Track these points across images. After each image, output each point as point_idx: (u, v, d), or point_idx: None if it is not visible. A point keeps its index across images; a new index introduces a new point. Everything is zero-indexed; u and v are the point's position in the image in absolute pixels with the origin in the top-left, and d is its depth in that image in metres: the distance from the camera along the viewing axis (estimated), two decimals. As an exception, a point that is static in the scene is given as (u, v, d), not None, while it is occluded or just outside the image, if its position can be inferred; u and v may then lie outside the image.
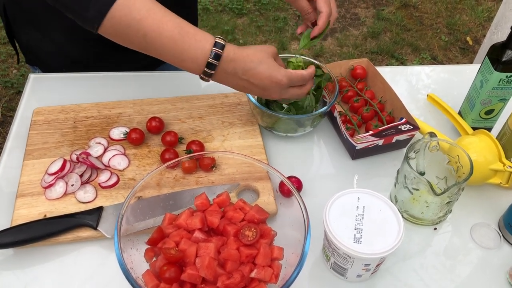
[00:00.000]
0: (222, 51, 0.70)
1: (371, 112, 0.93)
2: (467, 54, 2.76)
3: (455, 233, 0.78)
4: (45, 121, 0.87)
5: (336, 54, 2.69)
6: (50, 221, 0.70)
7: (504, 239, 0.77)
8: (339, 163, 0.88)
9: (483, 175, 0.80)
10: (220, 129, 0.89)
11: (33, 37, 0.96)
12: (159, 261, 0.61)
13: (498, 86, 0.84)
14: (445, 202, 0.73)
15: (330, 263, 0.69)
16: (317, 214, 0.69)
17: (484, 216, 0.80)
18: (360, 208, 0.68)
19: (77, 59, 0.99)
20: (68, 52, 0.98)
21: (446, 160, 0.78)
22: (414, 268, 0.73)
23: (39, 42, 0.96)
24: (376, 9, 3.06)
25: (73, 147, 0.83)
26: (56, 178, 0.76)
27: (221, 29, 2.78)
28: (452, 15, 3.04)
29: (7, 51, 2.52)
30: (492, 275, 0.73)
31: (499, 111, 0.90)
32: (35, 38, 0.96)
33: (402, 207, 0.78)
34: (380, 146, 0.85)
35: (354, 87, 0.98)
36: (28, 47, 1.00)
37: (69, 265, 0.70)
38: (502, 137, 0.84)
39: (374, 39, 2.82)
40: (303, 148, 0.90)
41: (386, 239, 0.64)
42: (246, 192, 0.79)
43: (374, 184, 0.84)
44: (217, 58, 0.70)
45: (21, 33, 0.97)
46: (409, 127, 0.85)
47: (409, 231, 0.77)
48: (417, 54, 2.74)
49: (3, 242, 0.67)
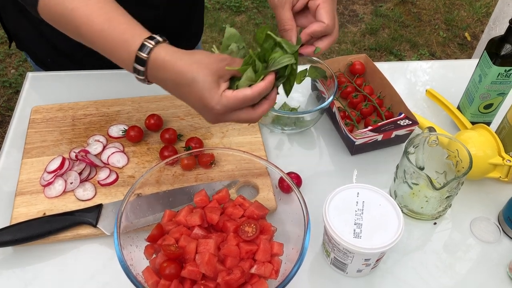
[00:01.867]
0: (148, 55, 0.59)
1: (370, 107, 0.93)
2: (466, 50, 2.76)
3: (455, 228, 0.78)
4: (44, 119, 0.87)
5: (334, 51, 2.69)
6: (50, 219, 0.70)
7: (504, 233, 0.77)
8: (338, 158, 0.88)
9: (482, 170, 0.80)
10: (219, 126, 0.89)
11: (21, 24, 0.95)
12: (159, 258, 0.61)
13: (497, 80, 0.84)
14: (445, 197, 0.73)
15: (330, 258, 0.69)
16: (316, 210, 0.69)
17: (483, 210, 0.80)
18: (360, 203, 0.68)
19: (63, 51, 0.98)
20: (54, 44, 0.97)
21: (446, 155, 0.78)
22: (414, 262, 0.73)
23: (27, 30, 0.96)
24: (374, 5, 3.05)
25: (72, 145, 0.83)
26: (55, 176, 0.76)
27: (219, 27, 2.78)
28: (450, 11, 3.04)
29: (5, 50, 2.52)
30: (492, 269, 0.73)
31: (498, 105, 0.90)
32: (23, 25, 0.95)
33: (402, 202, 0.78)
34: (379, 142, 0.85)
35: (353, 83, 0.98)
36: (16, 34, 1.00)
37: (69, 263, 0.70)
38: (501, 131, 0.84)
39: (372, 36, 2.81)
40: (302, 144, 0.90)
41: (386, 234, 0.64)
42: (245, 188, 0.79)
43: (374, 179, 0.84)
44: (143, 63, 0.60)
45: (9, 19, 0.97)
46: (408, 122, 0.85)
47: (408, 226, 0.77)
48: (416, 50, 2.74)
49: (3, 241, 0.67)
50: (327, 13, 0.64)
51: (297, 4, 0.66)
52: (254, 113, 0.62)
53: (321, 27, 0.64)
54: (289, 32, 0.65)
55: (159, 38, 0.60)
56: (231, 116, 0.62)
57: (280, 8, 0.65)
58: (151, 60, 0.59)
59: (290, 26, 0.65)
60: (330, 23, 0.64)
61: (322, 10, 0.64)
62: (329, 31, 0.65)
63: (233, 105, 0.60)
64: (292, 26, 0.65)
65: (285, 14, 0.64)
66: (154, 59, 0.59)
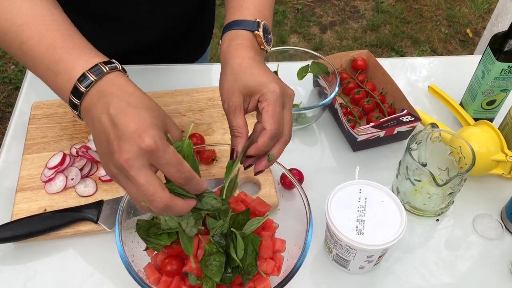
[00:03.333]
0: (86, 88, 0.52)
1: (372, 103, 0.92)
2: (467, 46, 2.75)
3: (457, 224, 0.78)
4: (44, 115, 0.87)
5: (335, 47, 2.68)
6: (50, 215, 0.70)
7: (506, 229, 0.77)
8: (341, 155, 0.87)
9: (485, 166, 0.79)
10: (221, 122, 0.88)
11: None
12: (160, 254, 0.61)
13: (500, 76, 0.84)
14: (447, 193, 0.73)
15: (332, 255, 0.69)
16: (318, 206, 0.69)
17: (486, 207, 0.80)
18: (362, 199, 0.67)
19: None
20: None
21: (448, 151, 0.77)
22: (416, 259, 0.73)
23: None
24: (375, 1, 3.04)
25: (73, 141, 0.83)
26: (56, 172, 0.76)
27: (220, 23, 2.77)
28: (452, 7, 3.03)
29: (5, 46, 2.51)
30: (494, 266, 0.72)
31: (501, 102, 0.89)
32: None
33: (404, 198, 0.78)
34: (381, 138, 0.85)
35: (355, 79, 0.98)
36: None
37: (69, 259, 0.69)
38: (504, 128, 0.84)
39: (373, 32, 2.81)
40: (304, 140, 0.90)
41: (388, 231, 0.64)
42: (247, 184, 0.78)
43: (376, 176, 0.84)
44: (79, 96, 0.52)
45: None
46: (410, 118, 0.85)
47: (411, 223, 0.77)
48: (417, 46, 2.73)
49: (4, 237, 0.67)
50: (270, 117, 0.58)
51: (248, 108, 0.61)
52: (143, 199, 0.49)
53: (265, 136, 0.58)
54: (237, 139, 0.59)
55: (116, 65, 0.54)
56: (123, 181, 0.50)
57: (231, 114, 0.60)
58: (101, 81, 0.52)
59: (240, 134, 0.59)
60: (272, 127, 0.58)
61: (265, 114, 0.58)
62: (276, 136, 0.59)
63: (162, 155, 0.48)
64: (243, 134, 0.59)
65: (236, 121, 0.59)
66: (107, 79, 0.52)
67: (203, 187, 0.52)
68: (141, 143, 0.47)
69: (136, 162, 0.47)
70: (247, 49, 0.63)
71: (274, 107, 0.58)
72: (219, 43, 0.64)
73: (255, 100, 0.60)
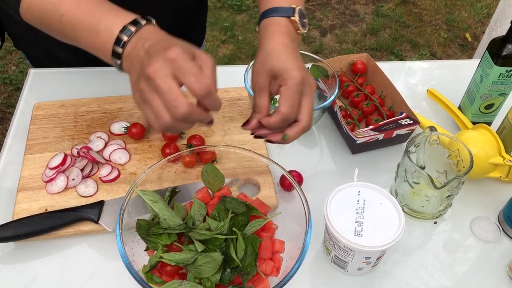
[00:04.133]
0: (128, 37, 0.59)
1: (371, 106, 0.93)
2: (466, 50, 2.77)
3: (455, 227, 0.78)
4: (46, 115, 0.87)
5: (335, 51, 2.69)
6: (51, 215, 0.70)
7: (504, 232, 0.77)
8: (340, 157, 0.88)
9: (483, 169, 0.80)
10: (221, 124, 0.89)
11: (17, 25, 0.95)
12: (160, 254, 0.61)
13: (498, 81, 0.85)
14: (445, 196, 0.74)
15: (331, 256, 0.69)
16: (317, 208, 0.70)
17: (484, 210, 0.81)
18: (361, 201, 0.68)
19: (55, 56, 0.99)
20: (47, 48, 0.97)
21: (446, 154, 0.78)
22: (414, 261, 0.73)
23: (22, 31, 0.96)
24: (375, 5, 3.06)
25: (74, 142, 0.83)
26: (57, 172, 0.77)
27: (220, 26, 2.78)
28: (451, 11, 3.04)
29: (5, 47, 2.52)
30: (492, 268, 0.73)
31: (499, 106, 0.90)
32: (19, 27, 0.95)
33: (403, 201, 0.78)
34: (380, 141, 0.85)
35: (354, 82, 0.98)
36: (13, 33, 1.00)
37: (70, 259, 0.70)
38: (502, 131, 0.84)
39: (373, 36, 2.82)
40: (303, 143, 0.90)
41: (386, 232, 0.64)
42: (247, 186, 0.79)
43: (375, 178, 0.84)
44: (123, 44, 0.59)
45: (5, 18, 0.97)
46: (409, 121, 0.85)
47: (409, 225, 0.78)
48: (416, 50, 2.74)
49: (4, 236, 0.67)
50: (286, 101, 0.62)
51: (273, 90, 0.66)
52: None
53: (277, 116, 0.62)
54: (256, 114, 0.64)
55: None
56: (150, 95, 0.54)
57: (256, 93, 0.65)
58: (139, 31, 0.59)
59: (260, 111, 0.64)
60: (285, 110, 0.61)
61: (282, 98, 0.62)
62: (288, 119, 0.62)
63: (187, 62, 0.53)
64: (263, 113, 0.64)
65: (259, 100, 0.64)
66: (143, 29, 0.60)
67: (220, 104, 0.57)
68: (166, 54, 0.53)
69: (161, 71, 0.52)
70: (283, 36, 0.68)
71: (292, 93, 0.62)
72: (255, 29, 0.69)
73: (278, 83, 0.64)
